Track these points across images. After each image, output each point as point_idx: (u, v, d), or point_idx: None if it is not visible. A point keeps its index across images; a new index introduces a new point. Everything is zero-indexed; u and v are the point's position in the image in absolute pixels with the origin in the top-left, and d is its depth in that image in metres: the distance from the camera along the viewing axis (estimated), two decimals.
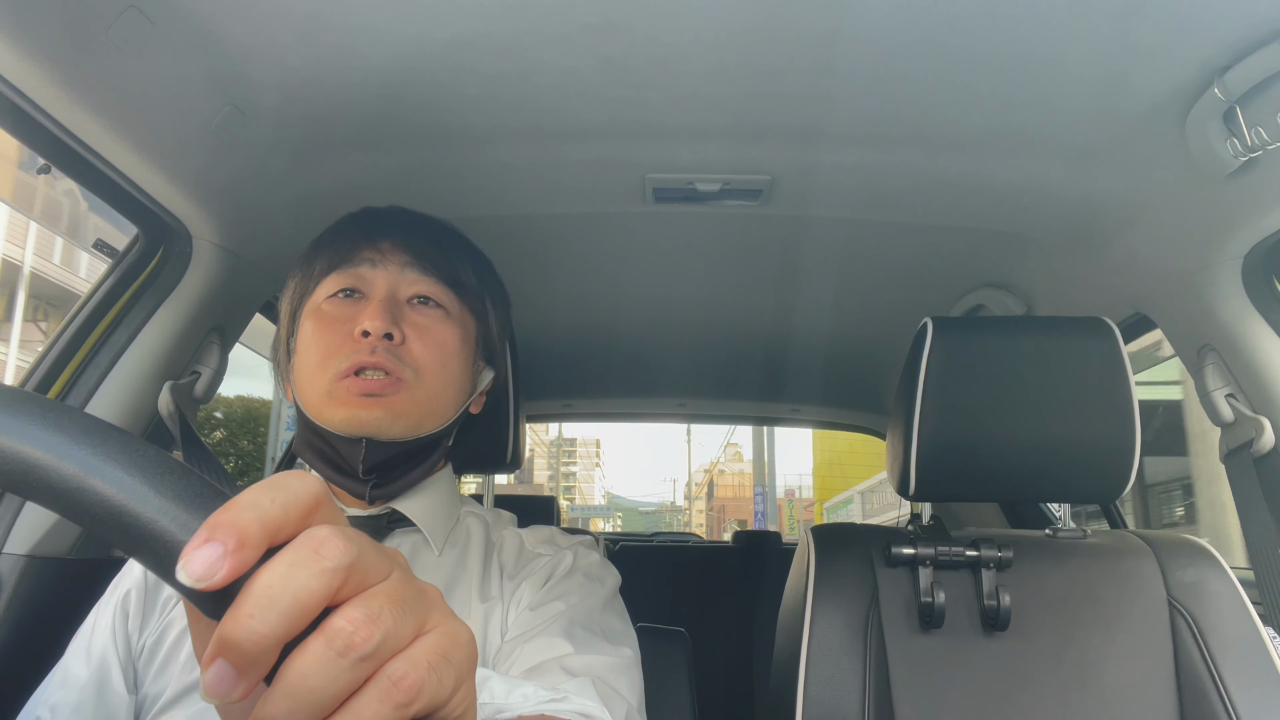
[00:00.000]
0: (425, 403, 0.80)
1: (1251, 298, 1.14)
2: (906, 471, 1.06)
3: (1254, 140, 0.90)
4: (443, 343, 0.83)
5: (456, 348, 0.84)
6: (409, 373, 0.79)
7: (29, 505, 1.01)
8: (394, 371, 0.78)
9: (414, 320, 0.82)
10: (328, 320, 0.82)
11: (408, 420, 0.79)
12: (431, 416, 0.82)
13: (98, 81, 0.84)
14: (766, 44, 0.88)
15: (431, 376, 0.81)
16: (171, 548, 0.29)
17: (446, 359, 0.83)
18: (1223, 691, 0.97)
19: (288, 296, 0.88)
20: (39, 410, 0.31)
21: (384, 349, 0.78)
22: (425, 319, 0.83)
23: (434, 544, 0.83)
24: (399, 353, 0.79)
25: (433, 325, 0.83)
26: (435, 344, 0.82)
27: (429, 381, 0.81)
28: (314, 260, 0.87)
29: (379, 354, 0.78)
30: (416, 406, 0.80)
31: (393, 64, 0.92)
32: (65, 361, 1.09)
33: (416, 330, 0.81)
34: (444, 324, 0.84)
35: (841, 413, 2.81)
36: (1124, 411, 1.02)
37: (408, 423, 0.79)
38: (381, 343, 0.78)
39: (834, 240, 1.44)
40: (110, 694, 0.75)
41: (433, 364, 0.81)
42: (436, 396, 0.82)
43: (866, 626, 1.04)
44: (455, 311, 0.86)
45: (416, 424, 0.80)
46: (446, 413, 0.84)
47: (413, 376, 0.79)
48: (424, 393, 0.80)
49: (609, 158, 1.14)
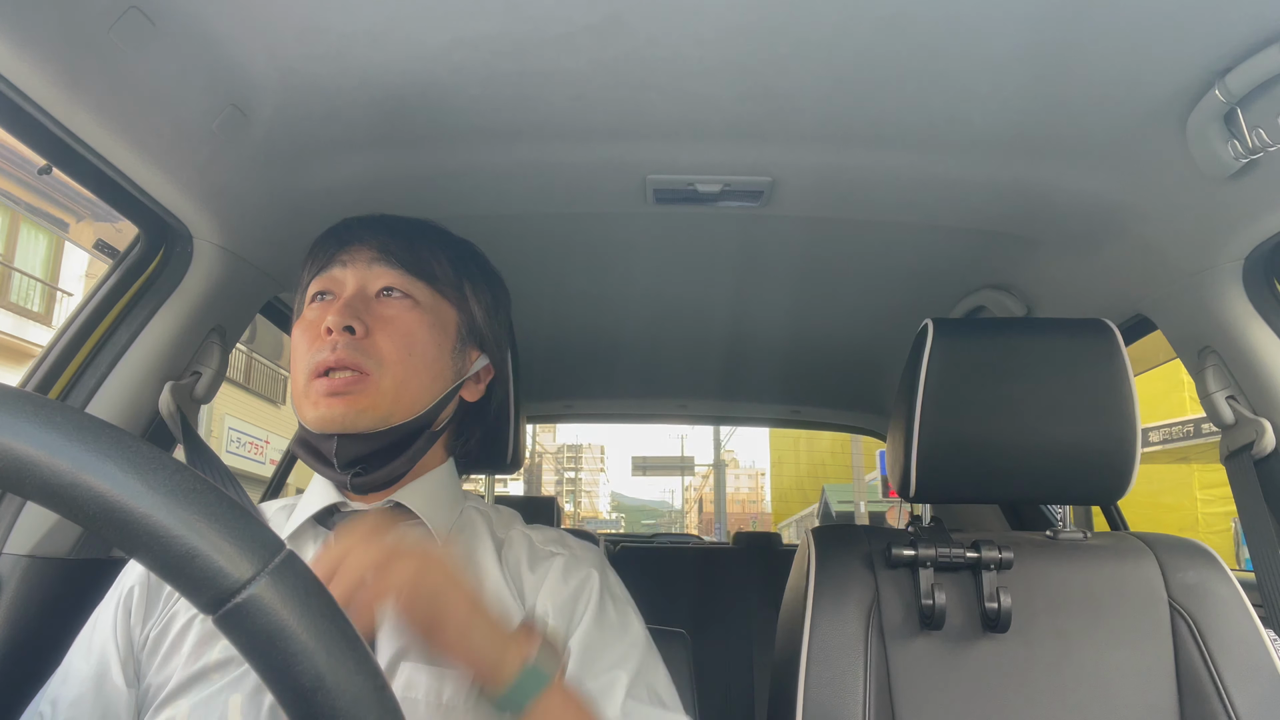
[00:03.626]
0: (391, 392, 0.81)
1: (1252, 299, 1.14)
2: (907, 472, 1.06)
3: (1255, 142, 0.90)
4: (408, 331, 0.84)
5: (425, 335, 0.85)
6: (371, 364, 0.81)
7: (29, 505, 1.01)
8: (355, 365, 0.80)
9: (379, 313, 0.84)
10: (304, 325, 0.85)
11: (375, 412, 0.81)
12: (401, 406, 0.83)
13: (98, 81, 0.84)
14: (767, 45, 0.88)
15: (396, 365, 0.82)
16: (171, 549, 0.29)
17: (413, 346, 0.84)
18: (1223, 693, 0.97)
19: (295, 307, 0.93)
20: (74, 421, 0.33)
21: (344, 344, 0.80)
22: (391, 310, 0.85)
23: (437, 536, 0.85)
24: (361, 346, 0.81)
25: (398, 315, 0.84)
26: (400, 333, 0.83)
27: (393, 370, 0.82)
28: (302, 272, 0.90)
29: (340, 349, 0.80)
30: (382, 397, 0.81)
31: (393, 65, 0.93)
32: (66, 362, 1.09)
33: (382, 322, 0.83)
34: (410, 313, 0.85)
35: (842, 414, 2.81)
36: (1124, 413, 1.02)
37: (375, 415, 0.81)
38: (343, 337, 0.80)
39: (834, 241, 1.44)
40: (109, 687, 0.77)
41: (397, 353, 0.82)
42: (403, 385, 0.83)
43: (867, 628, 1.03)
44: (426, 300, 0.87)
45: (385, 415, 0.82)
46: (421, 400, 0.84)
47: (375, 367, 0.81)
48: (389, 382, 0.81)
49: (609, 159, 1.14)
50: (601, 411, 2.91)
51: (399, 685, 0.73)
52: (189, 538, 0.34)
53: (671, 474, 25.51)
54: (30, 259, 11.06)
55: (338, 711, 0.35)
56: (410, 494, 0.86)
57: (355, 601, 0.59)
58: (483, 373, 0.94)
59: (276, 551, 0.36)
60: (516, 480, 22.63)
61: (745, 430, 31.84)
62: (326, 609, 0.36)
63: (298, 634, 0.35)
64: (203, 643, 0.76)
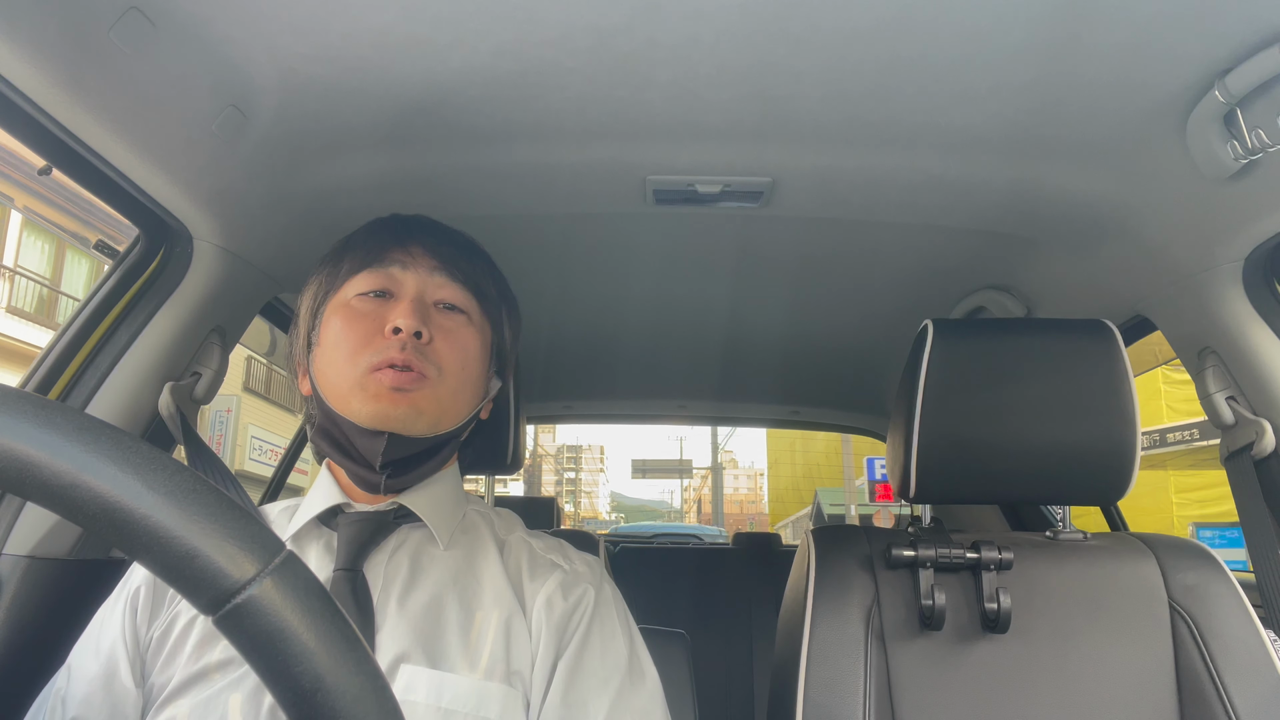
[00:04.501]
0: (446, 400, 0.84)
1: (1252, 300, 1.14)
2: (907, 473, 1.06)
3: (1254, 143, 0.90)
4: (465, 346, 0.87)
5: (477, 352, 0.89)
6: (433, 369, 0.83)
7: (29, 506, 1.01)
8: (420, 368, 0.81)
9: (440, 323, 0.86)
10: (357, 315, 0.85)
11: (429, 417, 0.82)
12: (449, 416, 0.85)
13: (98, 82, 0.84)
14: (767, 45, 0.88)
15: (453, 376, 0.85)
16: (171, 549, 0.29)
17: (468, 362, 0.87)
18: (1223, 694, 0.97)
19: (310, 292, 0.91)
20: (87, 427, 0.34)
21: (413, 346, 0.82)
22: (451, 323, 0.87)
23: (439, 538, 0.85)
24: (426, 351, 0.83)
25: (457, 329, 0.87)
26: (459, 346, 0.86)
27: (450, 381, 0.84)
28: (342, 259, 0.90)
29: (408, 351, 0.81)
30: (438, 404, 0.83)
31: (394, 65, 0.93)
32: (66, 362, 1.09)
33: (443, 332, 0.85)
34: (467, 329, 0.88)
35: (842, 415, 2.81)
36: (1124, 413, 1.02)
37: (429, 419, 0.83)
38: (411, 340, 0.82)
39: (834, 242, 1.44)
40: (117, 687, 0.77)
41: (455, 364, 0.85)
42: (456, 396, 0.85)
43: (867, 629, 1.03)
44: (477, 319, 0.90)
45: (435, 421, 0.84)
46: (462, 413, 0.87)
47: (436, 374, 0.83)
48: (445, 391, 0.84)
49: (609, 159, 1.14)
50: (601, 412, 2.91)
51: (399, 687, 0.73)
52: (189, 538, 0.34)
53: (670, 476, 25.57)
54: (74, 283, 11.70)
55: (337, 712, 0.35)
56: (414, 496, 0.86)
57: None
58: (494, 393, 0.96)
59: (276, 552, 0.36)
60: (517, 481, 22.65)
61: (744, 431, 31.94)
62: (327, 610, 0.36)
63: (298, 635, 0.34)
64: (204, 643, 0.77)
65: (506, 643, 0.79)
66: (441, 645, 0.77)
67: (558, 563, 0.87)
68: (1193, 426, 7.79)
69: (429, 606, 0.79)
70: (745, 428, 12.19)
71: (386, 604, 0.79)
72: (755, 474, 68.00)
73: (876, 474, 11.06)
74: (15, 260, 10.72)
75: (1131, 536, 1.13)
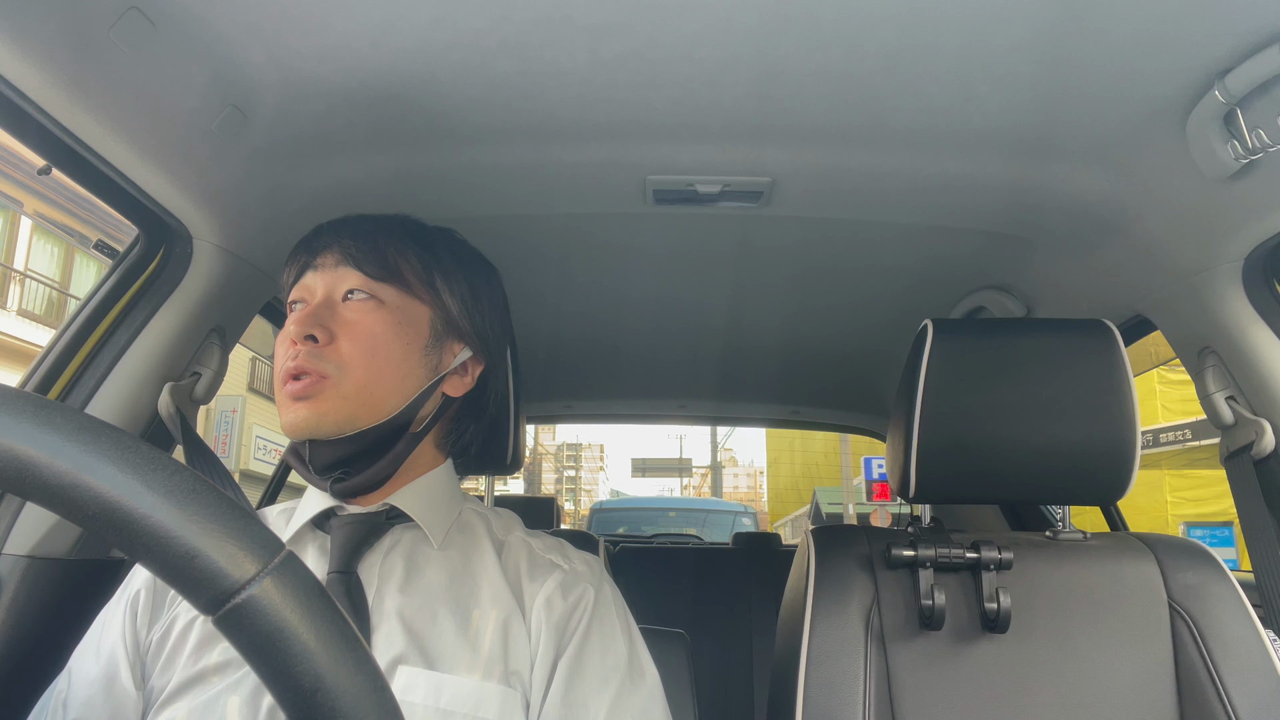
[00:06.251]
0: (354, 396, 0.81)
1: (1252, 300, 1.14)
2: (907, 473, 1.06)
3: (1254, 143, 0.90)
4: (370, 333, 0.84)
5: (390, 335, 0.85)
6: (332, 368, 0.81)
7: (29, 506, 1.01)
8: (316, 370, 0.80)
9: (344, 317, 0.84)
10: (283, 334, 0.85)
11: (336, 416, 0.80)
12: (366, 409, 0.82)
13: (98, 82, 0.84)
14: (767, 45, 0.88)
15: (357, 369, 0.82)
16: (171, 549, 0.29)
17: (376, 348, 0.83)
18: (1223, 694, 0.97)
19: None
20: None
21: (305, 352, 0.80)
22: (354, 313, 0.84)
23: (433, 538, 0.84)
24: (322, 353, 0.81)
25: (361, 318, 0.84)
26: (362, 336, 0.83)
27: (355, 374, 0.81)
28: (287, 279, 0.91)
29: (300, 358, 0.80)
30: (345, 401, 0.81)
31: (393, 65, 0.93)
32: (66, 362, 1.09)
33: (345, 326, 0.83)
34: (374, 314, 0.85)
35: (842, 414, 2.81)
36: (1124, 413, 1.02)
37: (337, 418, 0.81)
38: (304, 345, 0.81)
39: (834, 242, 1.44)
40: (118, 689, 0.77)
41: (359, 356, 0.82)
42: (367, 388, 0.82)
43: (867, 628, 1.03)
44: (391, 299, 0.86)
45: (349, 418, 0.81)
46: (389, 401, 0.84)
47: (335, 372, 0.81)
48: (350, 386, 0.81)
49: (609, 159, 1.14)
50: (601, 412, 2.91)
51: (397, 688, 0.73)
52: (189, 538, 0.34)
53: (670, 475, 25.56)
54: (83, 287, 11.84)
55: (337, 713, 0.35)
56: (405, 496, 0.85)
57: None
58: (470, 364, 0.92)
59: (276, 552, 0.36)
60: (517, 479, 22.63)
61: (744, 430, 31.91)
62: (327, 610, 0.36)
63: (298, 635, 0.34)
64: (202, 646, 0.77)
65: (504, 643, 0.78)
66: (438, 646, 0.77)
67: (557, 562, 0.86)
68: (1186, 427, 7.82)
69: (424, 607, 0.79)
70: (745, 427, 12.19)
71: (381, 605, 0.79)
72: (755, 472, 67.94)
73: (874, 473, 11.09)
74: (26, 264, 10.79)
75: (1131, 536, 1.13)
